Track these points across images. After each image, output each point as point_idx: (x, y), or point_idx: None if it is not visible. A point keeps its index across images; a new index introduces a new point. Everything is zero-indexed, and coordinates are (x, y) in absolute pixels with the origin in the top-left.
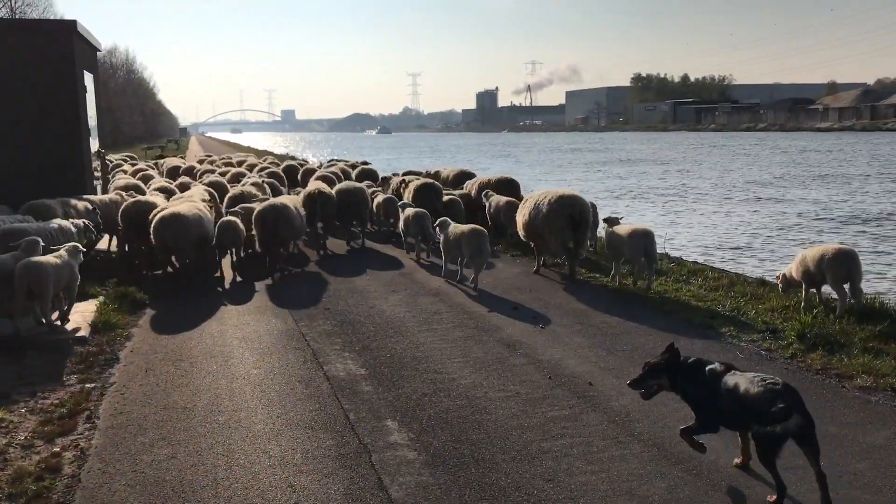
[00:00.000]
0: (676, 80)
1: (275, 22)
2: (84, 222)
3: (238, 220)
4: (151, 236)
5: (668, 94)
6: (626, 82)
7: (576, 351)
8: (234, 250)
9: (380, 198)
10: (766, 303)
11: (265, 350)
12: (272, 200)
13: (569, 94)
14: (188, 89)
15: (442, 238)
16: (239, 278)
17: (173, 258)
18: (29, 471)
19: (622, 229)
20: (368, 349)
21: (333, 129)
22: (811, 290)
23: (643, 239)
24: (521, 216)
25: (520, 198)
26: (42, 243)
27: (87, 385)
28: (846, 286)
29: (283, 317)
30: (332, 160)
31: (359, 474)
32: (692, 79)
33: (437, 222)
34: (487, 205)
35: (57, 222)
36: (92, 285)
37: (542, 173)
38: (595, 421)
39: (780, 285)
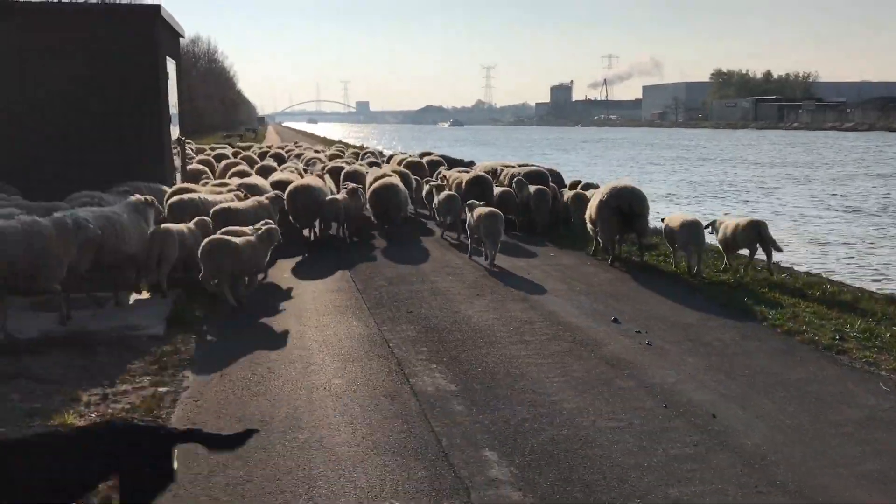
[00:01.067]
0: (759, 76)
1: (351, 13)
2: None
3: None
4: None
5: (749, 90)
6: (705, 78)
7: (690, 374)
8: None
9: (441, 195)
10: None
11: (346, 356)
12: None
13: (646, 89)
14: (266, 79)
15: (468, 219)
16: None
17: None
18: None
19: (674, 220)
20: (457, 361)
21: (406, 121)
22: None
23: (690, 228)
24: (588, 207)
25: (549, 188)
26: None
27: (160, 389)
28: None
29: (365, 319)
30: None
31: None
32: (775, 75)
33: (465, 204)
34: (520, 195)
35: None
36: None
37: (616, 168)
38: (725, 463)
39: None
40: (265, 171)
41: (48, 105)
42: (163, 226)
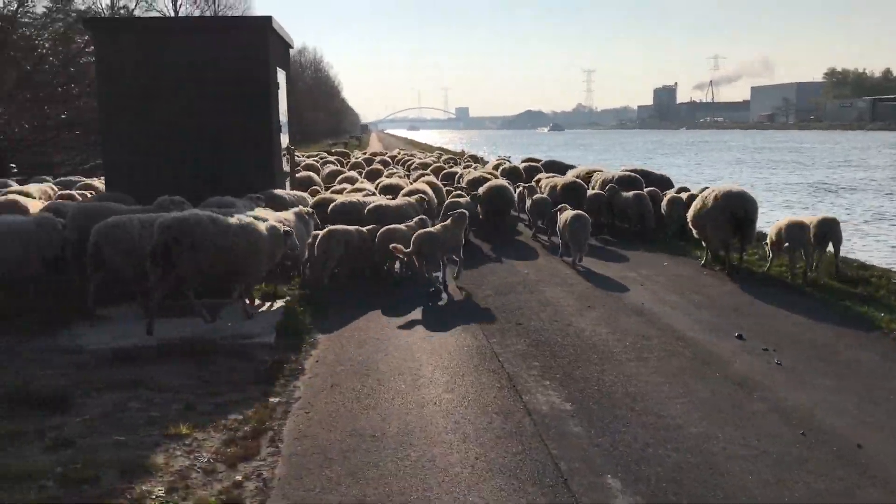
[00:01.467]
0: (877, 75)
1: (451, 19)
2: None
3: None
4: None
5: (866, 90)
6: (816, 78)
7: (827, 397)
8: None
9: (534, 198)
10: None
11: (456, 370)
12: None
13: (754, 90)
14: (369, 87)
15: (558, 222)
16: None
17: None
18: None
19: (782, 222)
20: (571, 378)
21: (505, 127)
22: None
23: (797, 230)
24: (691, 210)
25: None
26: None
27: (272, 399)
28: None
29: (473, 331)
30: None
31: None
32: (895, 73)
33: (557, 207)
34: (612, 200)
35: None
36: (279, 284)
37: (727, 171)
38: (878, 502)
39: None
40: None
41: (175, 119)
42: (333, 227)
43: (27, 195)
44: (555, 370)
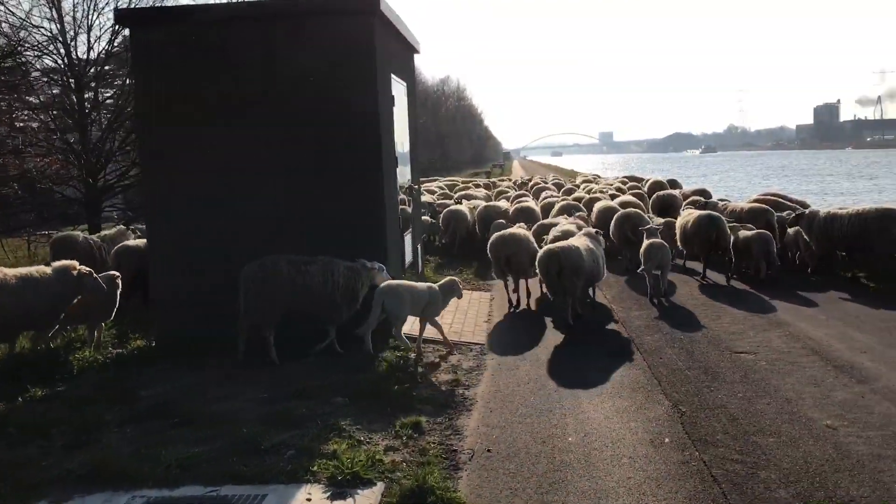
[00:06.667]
0: None
1: (592, 40)
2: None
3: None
4: None
5: None
6: None
7: None
8: None
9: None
10: None
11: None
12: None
13: None
14: (510, 114)
15: None
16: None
17: None
18: None
19: None
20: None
21: (652, 150)
22: None
23: None
24: None
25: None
26: None
27: None
28: None
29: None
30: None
31: None
32: None
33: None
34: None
35: None
36: None
37: None
38: None
39: None
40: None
41: (239, 152)
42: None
43: None
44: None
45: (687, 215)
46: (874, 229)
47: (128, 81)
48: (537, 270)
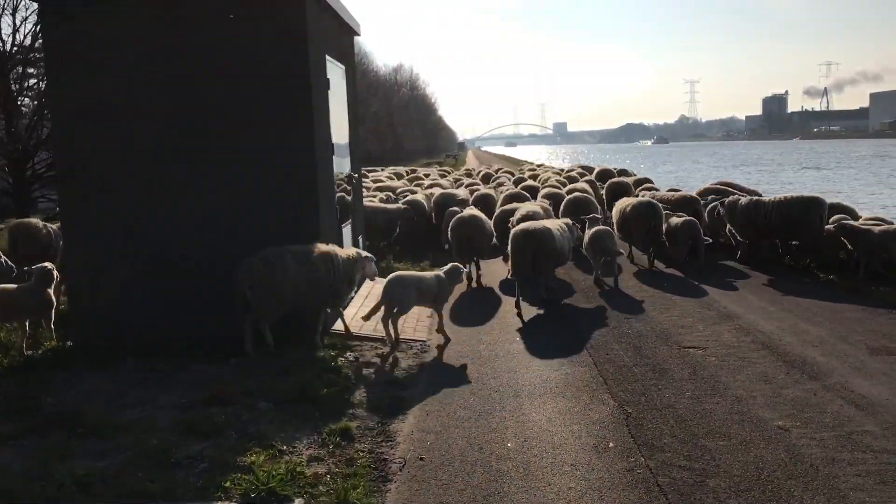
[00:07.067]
0: None
1: (546, 33)
2: None
3: None
4: None
5: None
6: None
7: None
8: None
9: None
10: None
11: None
12: None
13: (874, 97)
14: (466, 104)
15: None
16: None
17: None
18: None
19: None
20: None
21: (605, 140)
22: None
23: None
24: None
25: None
26: None
27: None
28: None
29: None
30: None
31: None
32: None
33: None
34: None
35: None
36: None
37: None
38: None
39: None
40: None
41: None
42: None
43: None
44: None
45: (625, 201)
46: (797, 217)
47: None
48: (509, 249)
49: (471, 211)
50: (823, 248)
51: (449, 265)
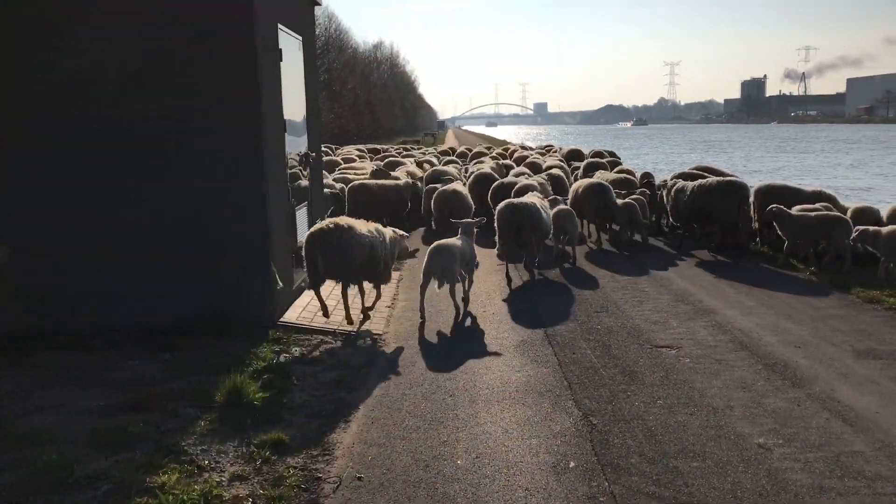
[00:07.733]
0: None
1: (529, 14)
2: None
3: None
4: None
5: None
6: None
7: None
8: None
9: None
10: None
11: None
12: None
13: (850, 82)
14: (447, 84)
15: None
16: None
17: None
18: None
19: None
20: None
21: (585, 122)
22: None
23: None
24: None
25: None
26: None
27: None
28: None
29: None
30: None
31: None
32: None
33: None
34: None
35: None
36: None
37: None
38: None
39: None
40: None
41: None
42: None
43: None
44: None
45: (579, 183)
46: (715, 201)
47: None
48: (496, 223)
49: (452, 185)
50: (745, 233)
51: (460, 222)
